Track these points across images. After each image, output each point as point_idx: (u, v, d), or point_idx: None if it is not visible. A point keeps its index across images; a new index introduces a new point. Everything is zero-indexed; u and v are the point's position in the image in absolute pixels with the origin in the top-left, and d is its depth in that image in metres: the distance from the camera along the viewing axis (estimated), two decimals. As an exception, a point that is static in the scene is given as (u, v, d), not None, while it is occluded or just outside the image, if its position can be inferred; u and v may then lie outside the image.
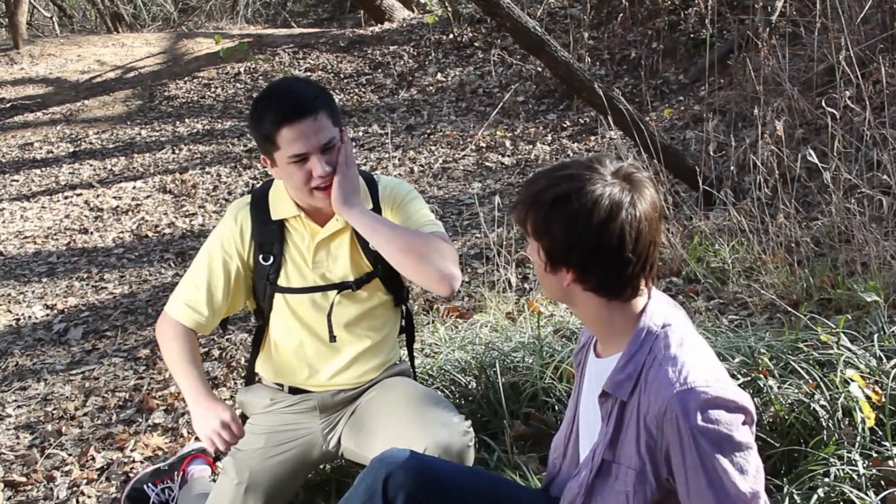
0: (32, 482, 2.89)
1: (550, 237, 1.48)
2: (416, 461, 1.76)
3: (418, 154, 6.33)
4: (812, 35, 4.95)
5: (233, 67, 8.67)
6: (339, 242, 2.19)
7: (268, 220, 2.18)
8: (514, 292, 3.55)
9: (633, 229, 1.44)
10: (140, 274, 4.79)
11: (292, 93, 2.03)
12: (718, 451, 1.40)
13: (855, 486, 2.00)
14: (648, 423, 1.46)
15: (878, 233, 3.31)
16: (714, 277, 3.51)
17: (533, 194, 1.50)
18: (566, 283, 1.50)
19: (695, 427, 1.39)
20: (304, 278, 2.19)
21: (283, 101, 2.01)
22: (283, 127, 1.99)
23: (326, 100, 2.05)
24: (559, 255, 1.48)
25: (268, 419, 2.31)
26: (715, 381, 1.43)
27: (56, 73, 9.41)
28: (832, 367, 2.34)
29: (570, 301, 1.56)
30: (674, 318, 1.54)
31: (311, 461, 2.35)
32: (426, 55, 8.30)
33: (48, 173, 6.83)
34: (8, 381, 3.70)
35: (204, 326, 2.20)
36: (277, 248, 2.17)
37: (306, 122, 1.99)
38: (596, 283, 1.49)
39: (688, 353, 1.47)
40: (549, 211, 1.47)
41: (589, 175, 1.46)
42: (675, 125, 5.75)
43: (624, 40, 7.27)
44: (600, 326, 1.56)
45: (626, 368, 1.50)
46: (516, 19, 4.15)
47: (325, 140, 2.02)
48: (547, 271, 1.52)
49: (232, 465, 2.28)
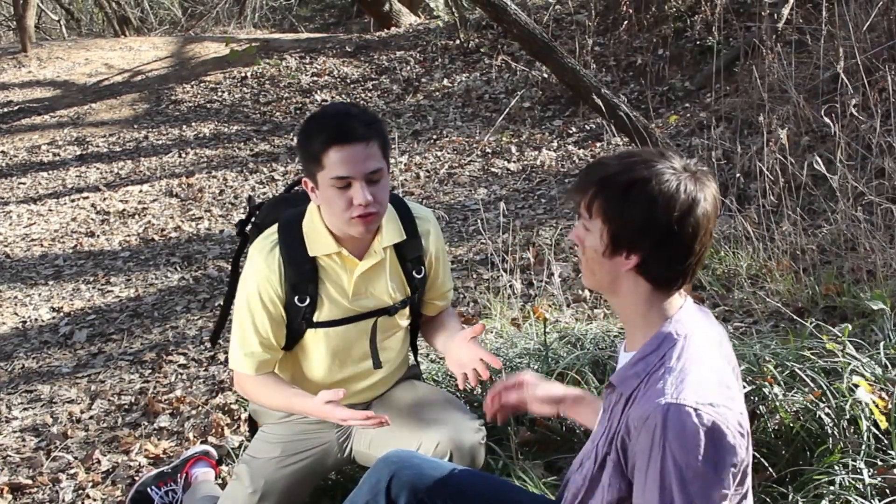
0: (38, 485, 2.90)
1: (624, 220, 1.45)
2: (419, 462, 1.77)
3: (424, 159, 6.34)
4: (818, 43, 4.95)
5: (240, 72, 8.69)
6: (377, 271, 2.18)
7: (300, 260, 2.11)
8: (519, 298, 3.56)
9: (704, 224, 1.45)
10: (146, 277, 4.80)
11: (348, 115, 1.99)
12: (679, 478, 1.36)
13: (860, 495, 2.00)
14: (630, 422, 1.44)
15: (884, 240, 3.31)
16: (719, 284, 3.51)
17: (605, 177, 1.47)
18: (625, 268, 1.48)
19: (668, 443, 1.36)
20: (341, 310, 2.17)
21: (338, 123, 1.97)
22: (332, 147, 1.96)
23: (380, 130, 2.02)
24: (629, 239, 1.46)
25: (284, 429, 2.31)
26: (708, 406, 1.37)
27: (63, 77, 9.44)
28: (838, 375, 2.34)
29: (615, 289, 1.53)
30: (699, 330, 1.51)
31: (324, 469, 2.37)
32: (432, 61, 8.31)
33: (55, 176, 6.85)
34: (14, 383, 3.71)
35: (270, 363, 2.20)
36: (312, 287, 2.12)
37: (357, 147, 1.96)
38: (657, 272, 1.48)
39: (696, 369, 1.43)
40: (624, 193, 1.45)
41: (663, 164, 1.46)
42: (681, 132, 5.75)
43: (630, 47, 7.27)
44: (636, 318, 1.54)
45: (636, 366, 1.49)
46: (523, 25, 4.17)
47: (372, 168, 1.97)
48: (605, 255, 1.49)
49: (247, 472, 2.28)
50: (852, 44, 4.24)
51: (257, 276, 2.11)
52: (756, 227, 3.67)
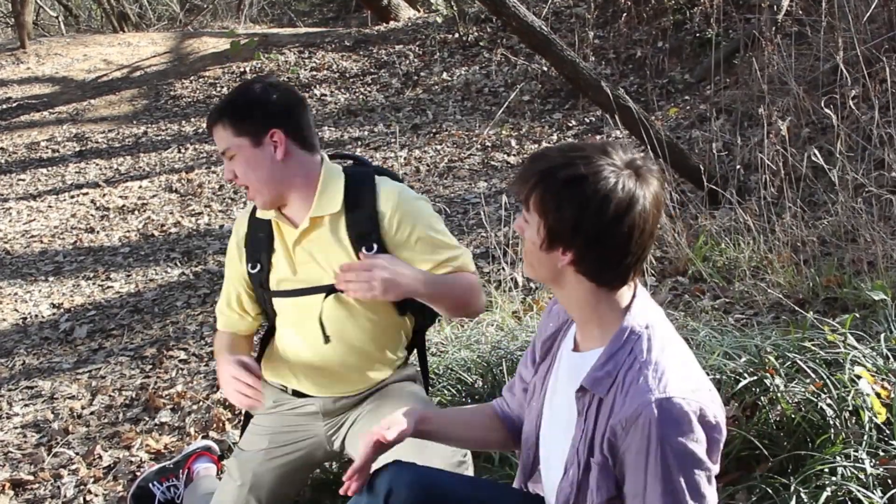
0: (39, 481, 2.90)
1: (557, 216, 1.43)
2: (418, 475, 1.71)
3: (424, 153, 6.33)
4: (818, 34, 4.94)
5: (238, 67, 8.68)
6: (321, 244, 2.12)
7: (260, 225, 2.19)
8: (520, 291, 3.55)
9: (641, 224, 1.43)
10: (146, 273, 4.80)
11: (221, 100, 2.17)
12: (682, 465, 1.38)
13: (862, 486, 1.99)
14: (615, 424, 1.43)
15: (884, 231, 3.31)
16: (720, 277, 3.51)
17: (545, 169, 1.45)
18: (561, 263, 1.47)
19: (665, 436, 1.37)
20: (290, 282, 2.17)
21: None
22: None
23: (232, 110, 2.09)
24: (561, 235, 1.44)
25: (272, 420, 2.31)
26: (692, 392, 1.40)
27: (62, 73, 9.43)
28: (839, 366, 2.33)
29: (557, 282, 1.52)
30: (656, 318, 1.51)
31: (314, 462, 2.36)
32: (432, 54, 8.30)
33: (54, 172, 6.85)
34: (15, 379, 3.71)
35: (238, 325, 2.30)
36: (265, 255, 2.18)
37: (213, 130, 2.11)
38: (592, 269, 1.46)
39: (669, 358, 1.44)
40: (561, 189, 1.43)
41: (604, 160, 1.43)
42: (681, 124, 5.74)
43: (629, 39, 7.26)
44: (585, 313, 1.53)
45: (605, 366, 1.47)
46: (522, 18, 4.15)
47: (221, 149, 2.11)
48: (542, 249, 1.47)
49: (235, 465, 2.28)
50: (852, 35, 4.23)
51: (232, 240, 2.27)
52: (757, 219, 3.66)
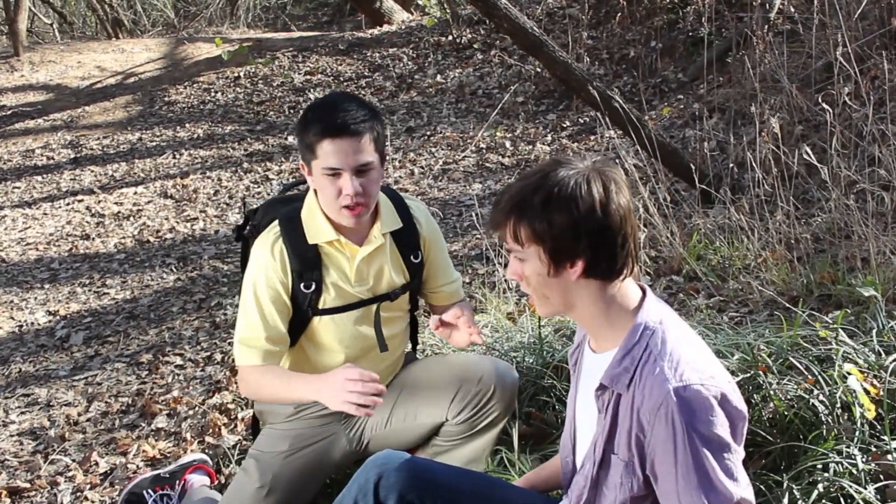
0: (36, 488, 2.90)
1: (554, 233, 1.47)
2: (408, 462, 1.77)
3: (418, 156, 6.33)
4: (810, 32, 4.95)
5: (233, 72, 8.68)
6: (377, 257, 2.26)
7: (304, 248, 2.18)
8: (514, 293, 3.56)
9: (626, 205, 1.49)
10: (142, 279, 4.80)
11: (344, 108, 2.07)
12: (709, 450, 1.41)
13: (854, 481, 2.00)
14: (641, 417, 1.46)
15: (877, 228, 3.31)
16: (714, 275, 3.52)
17: (518, 203, 1.50)
18: (574, 277, 1.50)
19: (689, 423, 1.40)
20: (344, 297, 2.23)
21: (333, 115, 2.06)
22: (325, 139, 2.05)
23: (373, 124, 2.09)
24: (567, 248, 1.47)
25: (292, 424, 2.35)
26: (710, 379, 1.44)
27: (56, 80, 9.43)
28: (831, 362, 2.34)
29: (571, 304, 1.55)
30: (668, 315, 1.55)
31: (333, 462, 2.38)
32: (425, 57, 8.30)
33: (49, 180, 6.84)
34: (11, 387, 3.71)
35: (276, 355, 2.22)
36: (317, 274, 2.19)
37: (348, 141, 2.04)
38: (605, 267, 1.50)
39: (684, 348, 1.48)
40: (542, 211, 1.47)
41: (563, 170, 1.48)
42: (675, 123, 5.75)
43: (622, 39, 7.27)
44: (598, 320, 1.56)
45: (623, 362, 1.51)
46: (513, 20, 4.16)
47: (362, 162, 2.06)
48: (550, 275, 1.51)
49: (255, 467, 2.29)
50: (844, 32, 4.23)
51: (264, 268, 2.18)
52: (750, 217, 3.67)
